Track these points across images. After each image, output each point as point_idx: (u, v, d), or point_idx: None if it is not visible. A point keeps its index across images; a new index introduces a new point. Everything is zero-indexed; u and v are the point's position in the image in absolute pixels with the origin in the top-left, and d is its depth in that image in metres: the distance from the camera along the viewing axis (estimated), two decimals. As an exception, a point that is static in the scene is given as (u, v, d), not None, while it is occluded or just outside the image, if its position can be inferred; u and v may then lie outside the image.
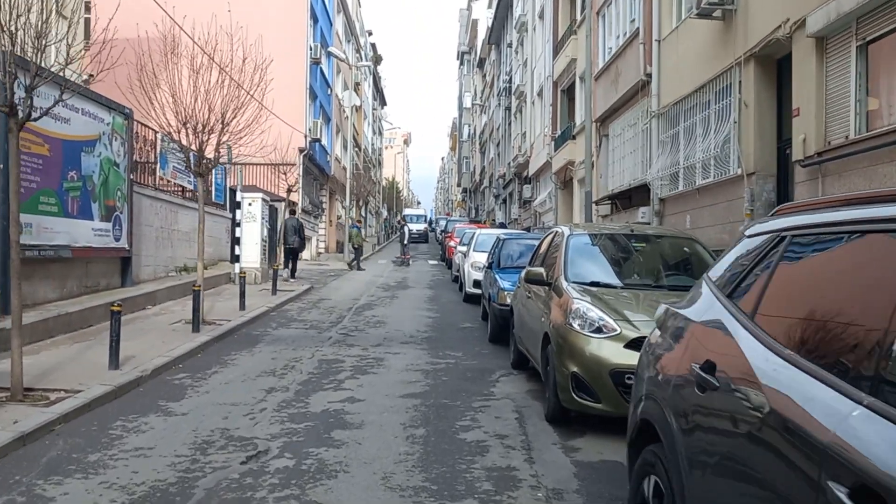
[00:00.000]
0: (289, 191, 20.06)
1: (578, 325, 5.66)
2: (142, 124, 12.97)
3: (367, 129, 54.44)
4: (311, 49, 28.64)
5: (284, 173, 19.77)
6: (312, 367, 8.13)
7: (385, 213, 68.39)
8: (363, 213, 43.36)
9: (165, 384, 7.15)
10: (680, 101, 13.49)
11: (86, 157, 10.94)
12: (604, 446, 5.30)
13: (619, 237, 7.37)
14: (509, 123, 39.18)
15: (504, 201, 43.04)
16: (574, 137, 22.35)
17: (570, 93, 24.38)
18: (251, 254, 17.63)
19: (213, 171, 17.65)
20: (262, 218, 18.29)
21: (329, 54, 31.33)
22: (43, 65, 6.34)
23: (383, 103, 69.83)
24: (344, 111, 36.14)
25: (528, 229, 28.66)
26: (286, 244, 19.28)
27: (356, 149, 41.70)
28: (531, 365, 7.58)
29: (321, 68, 31.25)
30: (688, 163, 13.14)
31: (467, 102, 64.94)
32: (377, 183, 60.32)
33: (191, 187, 15.67)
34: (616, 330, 5.47)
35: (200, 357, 8.64)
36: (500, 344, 9.84)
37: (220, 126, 10.70)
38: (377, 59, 58.80)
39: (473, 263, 15.34)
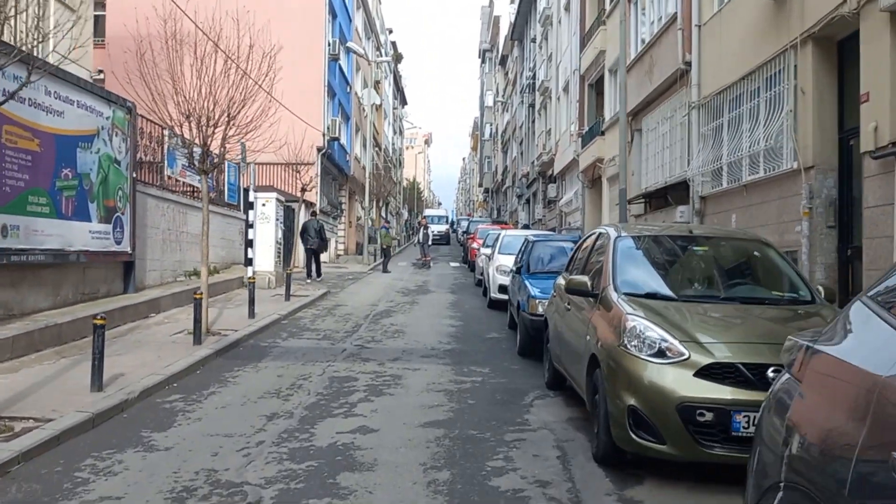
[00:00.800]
0: (303, 189, 19.19)
1: (635, 346, 4.67)
2: (146, 119, 12.16)
3: (388, 128, 53.58)
4: (329, 45, 27.77)
5: (298, 171, 18.89)
6: (322, 387, 7.23)
7: (406, 214, 67.50)
8: (383, 214, 42.49)
9: (153, 409, 6.28)
10: (723, 90, 12.37)
11: (82, 154, 10.15)
12: (670, 498, 4.31)
13: (675, 240, 6.33)
14: (533, 121, 38.02)
15: (527, 201, 41.86)
16: (603, 133, 21.22)
17: (598, 87, 23.24)
18: (265, 257, 16.81)
19: (227, 169, 16.97)
20: (277, 219, 17.47)
21: (348, 50, 30.49)
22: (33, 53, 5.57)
23: (404, 103, 68.96)
24: (364, 110, 35.29)
25: (553, 230, 27.64)
26: (307, 245, 18.63)
27: (376, 148, 40.86)
28: (569, 384, 6.62)
29: (340, 65, 30.41)
30: (733, 157, 12.03)
31: (489, 101, 63.79)
32: (398, 183, 59.47)
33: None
34: (684, 354, 4.47)
35: (199, 374, 7.78)
36: (530, 358, 8.88)
37: (227, 119, 9.88)
38: (397, 58, 57.93)
39: (499, 267, 14.36)
